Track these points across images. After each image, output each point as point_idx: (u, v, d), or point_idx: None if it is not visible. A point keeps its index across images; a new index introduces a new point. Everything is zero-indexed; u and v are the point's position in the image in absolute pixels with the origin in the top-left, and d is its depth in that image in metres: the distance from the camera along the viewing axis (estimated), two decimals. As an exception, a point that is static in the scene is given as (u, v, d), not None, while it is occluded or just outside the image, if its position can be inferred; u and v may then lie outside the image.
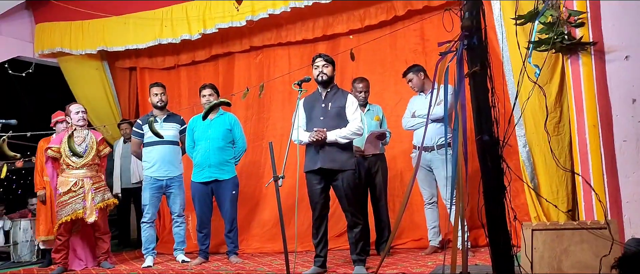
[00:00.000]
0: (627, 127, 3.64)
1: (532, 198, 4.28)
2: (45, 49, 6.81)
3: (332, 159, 4.03)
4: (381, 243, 5.05)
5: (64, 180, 5.05)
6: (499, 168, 2.48)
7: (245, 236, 6.11)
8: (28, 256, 6.08)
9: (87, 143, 5.14)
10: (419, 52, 5.81)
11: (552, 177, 4.17)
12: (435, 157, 4.73)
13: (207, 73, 6.95)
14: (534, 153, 4.27)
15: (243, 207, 5.98)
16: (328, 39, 6.27)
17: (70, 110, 5.18)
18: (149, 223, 5.32)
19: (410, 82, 4.91)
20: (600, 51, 3.74)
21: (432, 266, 4.18)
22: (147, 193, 5.31)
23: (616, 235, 2.86)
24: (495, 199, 2.45)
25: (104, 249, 5.26)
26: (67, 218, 4.95)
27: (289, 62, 6.45)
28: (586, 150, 3.81)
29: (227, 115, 5.32)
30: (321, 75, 4.17)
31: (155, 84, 5.50)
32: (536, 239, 3.12)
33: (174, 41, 6.23)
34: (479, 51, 2.56)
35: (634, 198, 3.49)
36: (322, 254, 4.17)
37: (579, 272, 2.93)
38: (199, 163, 5.17)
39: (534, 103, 4.05)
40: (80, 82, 7.03)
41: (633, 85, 3.63)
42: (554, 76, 4.13)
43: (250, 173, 6.40)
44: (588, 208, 3.79)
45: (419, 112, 4.79)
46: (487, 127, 2.51)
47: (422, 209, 5.02)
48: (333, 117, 4.11)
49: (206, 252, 5.26)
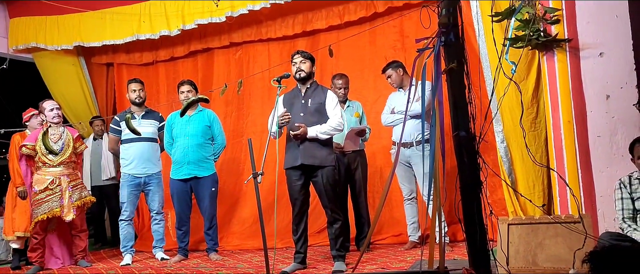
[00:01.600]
0: (601, 122, 3.72)
1: (510, 193, 4.33)
2: (20, 44, 6.68)
3: (312, 155, 4.04)
4: (361, 238, 5.07)
5: (40, 178, 4.96)
6: (475, 163, 2.51)
7: (225, 233, 6.08)
8: (4, 255, 5.97)
9: (63, 141, 5.07)
10: (398, 48, 5.83)
11: (529, 172, 4.23)
12: (414, 153, 4.76)
13: (185, 69, 6.89)
14: (512, 148, 4.32)
15: (223, 204, 5.95)
16: (308, 35, 6.26)
17: (44, 107, 5.09)
18: (128, 220, 5.26)
19: (389, 78, 4.93)
20: (575, 48, 3.80)
21: (411, 261, 4.21)
22: (125, 190, 5.25)
23: (590, 229, 2.92)
24: (471, 194, 2.48)
25: (81, 248, 5.20)
26: (43, 216, 4.87)
27: (269, 58, 6.43)
28: (561, 146, 3.88)
29: (206, 112, 5.28)
30: (299, 72, 4.16)
31: (133, 80, 5.43)
32: (512, 233, 3.17)
33: (153, 37, 6.17)
34: (456, 48, 2.59)
35: (608, 192, 3.56)
36: (302, 251, 4.17)
37: (553, 265, 2.98)
38: (177, 160, 5.13)
39: (510, 99, 4.10)
40: (56, 78, 6.90)
41: (607, 82, 3.70)
42: (530, 73, 4.18)
43: (230, 170, 6.37)
44: (563, 203, 3.86)
45: (398, 108, 4.81)
46: (464, 123, 2.54)
47: (402, 205, 5.05)
48: (313, 113, 4.11)
49: (185, 249, 5.23)
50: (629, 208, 3.25)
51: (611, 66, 3.69)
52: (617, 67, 3.68)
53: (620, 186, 3.30)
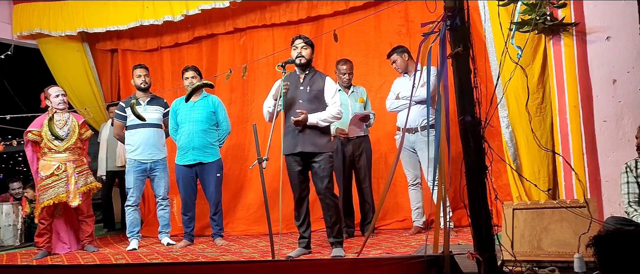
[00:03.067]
0: (608, 107, 3.70)
1: (515, 178, 4.33)
2: (24, 31, 6.68)
3: (311, 142, 4.03)
4: (366, 224, 5.09)
5: (46, 164, 4.99)
6: (480, 148, 2.51)
7: (231, 218, 6.11)
8: (11, 240, 6.02)
9: (69, 127, 5.08)
10: (403, 33, 5.80)
11: (534, 157, 4.22)
12: (418, 139, 4.75)
13: (190, 55, 6.88)
14: (517, 133, 4.31)
15: (228, 190, 5.97)
16: (312, 21, 6.23)
17: (49, 93, 5.10)
18: (134, 206, 5.29)
19: (394, 63, 4.91)
20: (582, 32, 3.77)
21: (415, 246, 4.22)
22: (131, 176, 5.27)
23: (595, 213, 2.91)
24: (476, 179, 2.48)
25: (87, 233, 5.23)
26: (49, 201, 4.90)
27: (273, 43, 6.41)
28: (567, 130, 3.87)
29: (210, 97, 5.28)
30: (300, 57, 4.13)
31: (138, 66, 5.42)
32: (517, 218, 3.17)
33: (156, 22, 6.16)
34: (462, 32, 2.57)
35: (614, 177, 3.55)
36: (306, 235, 4.19)
37: (558, 250, 2.99)
38: (182, 146, 5.14)
39: (516, 84, 4.08)
40: (61, 64, 6.92)
41: (614, 66, 3.68)
42: (536, 57, 4.16)
43: (235, 156, 6.38)
44: (568, 188, 3.86)
45: (403, 93, 4.80)
46: (470, 108, 2.53)
47: (406, 190, 5.06)
48: (311, 99, 4.09)
49: (191, 235, 5.26)
50: (635, 192, 3.24)
51: (618, 50, 3.67)
52: (624, 51, 3.65)
53: (627, 170, 3.29)
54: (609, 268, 1.92)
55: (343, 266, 2.61)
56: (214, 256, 4.48)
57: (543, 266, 2.93)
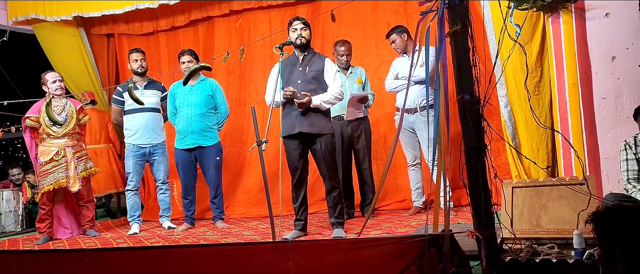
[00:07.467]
0: (606, 84, 3.69)
1: (514, 157, 4.33)
2: (19, 16, 6.62)
3: (311, 123, 4.02)
4: (365, 205, 5.10)
5: (45, 150, 4.99)
6: (479, 127, 2.50)
7: (231, 201, 6.13)
8: (12, 226, 6.04)
9: (66, 112, 5.07)
10: (400, 13, 5.76)
11: (533, 135, 4.22)
12: (418, 119, 4.74)
13: (186, 38, 6.83)
14: (515, 112, 4.31)
15: (227, 173, 5.98)
16: (308, 2, 6.18)
17: (46, 78, 5.08)
18: (134, 190, 5.30)
19: (393, 43, 4.88)
20: (581, 9, 3.75)
21: (415, 226, 4.24)
22: (131, 160, 5.28)
23: (594, 190, 2.92)
24: (476, 158, 2.47)
25: (88, 218, 5.25)
26: (49, 187, 4.91)
27: (270, 25, 6.36)
28: (566, 108, 3.87)
29: (208, 81, 5.26)
30: (300, 38, 4.10)
31: (134, 50, 5.39)
32: (516, 196, 3.18)
33: (152, 6, 6.09)
34: (460, 10, 2.55)
35: (613, 154, 3.56)
36: (302, 218, 4.20)
37: (557, 227, 3.00)
38: (181, 130, 5.13)
39: (515, 62, 4.06)
40: (57, 50, 6.86)
41: (613, 43, 3.66)
42: (535, 35, 4.14)
43: (234, 139, 6.38)
44: (567, 165, 3.86)
45: (402, 73, 4.78)
46: (468, 86, 2.52)
47: (406, 171, 5.07)
48: (310, 80, 4.07)
49: (192, 218, 5.28)
50: (634, 169, 3.25)
51: (617, 27, 3.65)
52: (623, 27, 3.63)
53: (626, 147, 3.29)
54: (608, 244, 1.93)
55: (343, 247, 2.61)
56: (215, 239, 4.50)
57: (542, 243, 2.95)
